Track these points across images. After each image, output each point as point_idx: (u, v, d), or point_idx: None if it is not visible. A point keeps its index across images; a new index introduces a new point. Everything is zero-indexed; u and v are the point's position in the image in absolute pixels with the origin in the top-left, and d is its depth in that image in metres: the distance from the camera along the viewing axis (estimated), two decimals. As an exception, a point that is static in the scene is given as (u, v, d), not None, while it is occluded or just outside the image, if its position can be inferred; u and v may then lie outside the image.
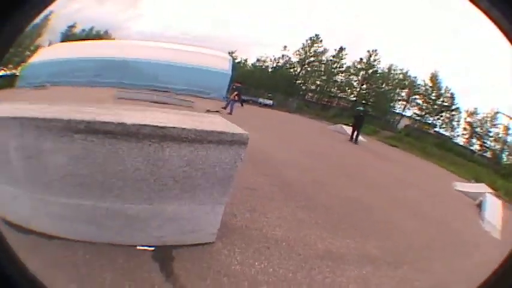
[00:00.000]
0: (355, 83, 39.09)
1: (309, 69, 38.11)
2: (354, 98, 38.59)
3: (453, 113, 41.75)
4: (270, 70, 35.48)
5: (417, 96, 39.92)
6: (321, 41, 39.98)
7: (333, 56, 38.39)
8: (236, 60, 28.14)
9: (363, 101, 37.21)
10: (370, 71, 41.27)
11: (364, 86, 39.60)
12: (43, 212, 2.49)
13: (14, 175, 2.46)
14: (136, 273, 2.15)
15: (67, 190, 2.29)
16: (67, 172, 2.21)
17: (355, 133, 13.35)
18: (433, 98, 40.68)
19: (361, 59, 38.24)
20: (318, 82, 38.13)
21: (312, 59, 38.14)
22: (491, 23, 0.72)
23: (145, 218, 2.31)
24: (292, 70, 37.96)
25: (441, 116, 40.27)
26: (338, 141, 13.21)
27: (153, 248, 2.38)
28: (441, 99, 41.69)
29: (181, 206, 2.32)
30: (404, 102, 41.33)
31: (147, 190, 2.21)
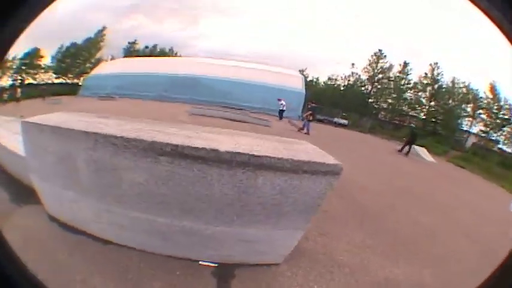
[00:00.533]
0: (423, 100, 36.26)
1: (379, 86, 36.48)
2: (424, 117, 36.31)
3: (515, 126, 38.98)
4: (342, 89, 34.61)
5: (481, 111, 35.94)
6: (385, 56, 37.63)
7: (399, 72, 36.26)
8: (308, 79, 27.49)
9: (433, 119, 35.38)
10: (436, 85, 37.45)
11: (433, 103, 36.59)
12: (106, 220, 2.46)
13: (78, 182, 2.42)
14: (189, 286, 2.12)
15: (141, 206, 2.20)
16: (145, 190, 2.10)
17: (407, 147, 13.24)
18: (495, 111, 39.23)
19: (425, 73, 35.23)
20: (390, 100, 36.34)
21: (380, 76, 36.44)
22: (491, 23, 0.72)
23: (220, 238, 2.24)
24: (363, 88, 36.59)
25: (503, 131, 39.10)
26: (406, 163, 12.29)
27: (216, 265, 2.33)
28: (502, 112, 39.44)
29: (261, 230, 2.23)
30: (470, 118, 36.37)
31: (230, 214, 2.12)
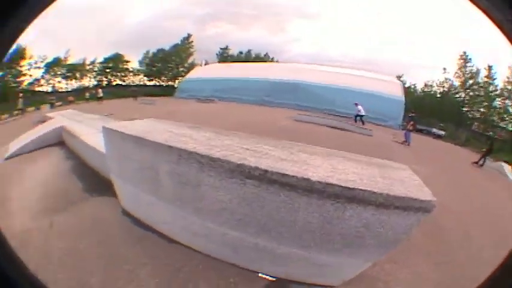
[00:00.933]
0: (510, 109, 32.07)
1: (471, 93, 34.15)
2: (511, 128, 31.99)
3: None
4: (438, 96, 33.24)
5: None
6: (470, 59, 34.73)
7: (486, 77, 33.33)
8: (406, 85, 26.57)
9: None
10: None
11: None
12: (179, 224, 2.55)
13: (159, 190, 2.52)
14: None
15: (218, 220, 2.22)
16: (226, 207, 2.10)
17: (483, 159, 11.63)
18: None
19: (507, 77, 31.60)
20: (482, 109, 33.29)
21: (470, 81, 34.07)
22: (491, 23, 0.72)
23: (290, 258, 2.19)
24: (457, 96, 34.71)
25: None
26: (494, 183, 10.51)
27: (274, 279, 2.33)
28: None
29: (333, 257, 2.13)
30: None
31: (308, 240, 2.04)
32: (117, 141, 2.94)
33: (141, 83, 36.55)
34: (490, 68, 33.43)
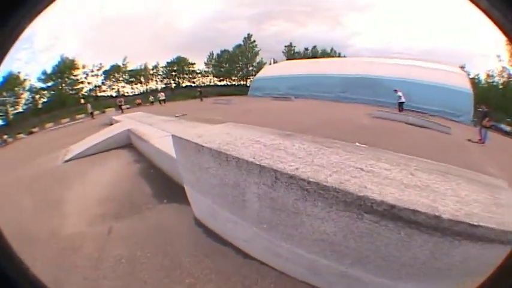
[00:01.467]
0: None
1: None
2: None
3: None
4: (500, 87, 28.74)
5: None
6: None
7: None
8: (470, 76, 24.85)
9: None
10: None
11: None
12: (262, 245, 2.29)
13: (242, 210, 2.26)
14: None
15: (312, 248, 1.94)
16: (326, 239, 1.81)
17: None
18: None
19: None
20: None
21: None
22: (491, 23, 0.72)
23: (372, 285, 1.90)
24: None
25: None
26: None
27: None
28: None
29: (415, 286, 1.80)
30: None
31: (402, 272, 1.77)
32: (191, 153, 2.64)
33: (212, 83, 38.06)
34: None
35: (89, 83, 29.97)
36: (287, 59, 39.13)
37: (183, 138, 2.75)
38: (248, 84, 34.18)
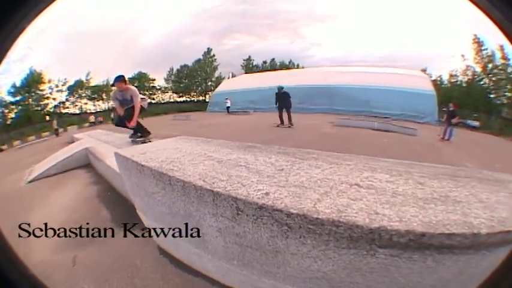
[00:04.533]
0: None
1: (494, 78, 31.54)
2: None
3: None
4: (464, 85, 31.12)
5: None
6: (483, 42, 35.75)
7: (501, 58, 32.37)
8: (432, 78, 26.52)
9: None
10: None
11: None
12: (235, 280, 1.79)
13: (204, 245, 1.78)
14: None
15: (300, 284, 1.45)
16: (323, 277, 1.34)
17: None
18: None
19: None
20: (508, 94, 30.89)
21: (490, 65, 31.08)
22: (491, 23, 0.72)
23: None
24: (482, 83, 32.12)
25: None
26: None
27: None
28: None
29: None
30: None
31: None
32: (134, 173, 2.14)
33: (172, 99, 37.78)
34: (502, 47, 30.09)
35: (53, 99, 28.49)
36: (245, 73, 39.65)
37: (124, 156, 2.24)
38: (207, 100, 34.26)
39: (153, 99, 35.92)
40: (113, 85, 6.17)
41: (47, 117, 25.01)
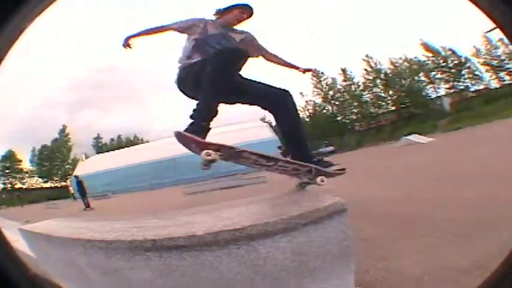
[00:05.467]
0: (382, 94, 38.50)
1: (337, 103, 38.01)
2: (393, 108, 38.05)
3: (467, 64, 39.33)
4: (307, 120, 36.21)
5: (434, 72, 39.24)
6: (322, 73, 39.59)
7: (344, 80, 38.76)
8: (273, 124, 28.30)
9: (402, 105, 36.87)
10: (382, 74, 39.67)
11: (391, 92, 38.82)
12: None
13: (93, 286, 2.20)
14: None
15: None
16: (156, 285, 1.89)
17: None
18: (443, 64, 38.91)
19: (365, 69, 39.24)
20: (355, 110, 37.35)
21: (331, 92, 38.34)
22: (491, 23, 0.72)
23: None
24: (325, 111, 38.28)
25: (464, 75, 38.43)
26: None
27: None
28: (450, 61, 39.41)
29: None
30: (431, 85, 40.20)
31: (261, 285, 1.79)
32: (34, 242, 2.72)
33: (39, 185, 37.50)
34: (343, 70, 38.49)
35: None
36: (97, 152, 40.96)
37: (25, 230, 2.78)
38: (69, 184, 34.58)
39: (24, 184, 36.35)
40: None
41: None
